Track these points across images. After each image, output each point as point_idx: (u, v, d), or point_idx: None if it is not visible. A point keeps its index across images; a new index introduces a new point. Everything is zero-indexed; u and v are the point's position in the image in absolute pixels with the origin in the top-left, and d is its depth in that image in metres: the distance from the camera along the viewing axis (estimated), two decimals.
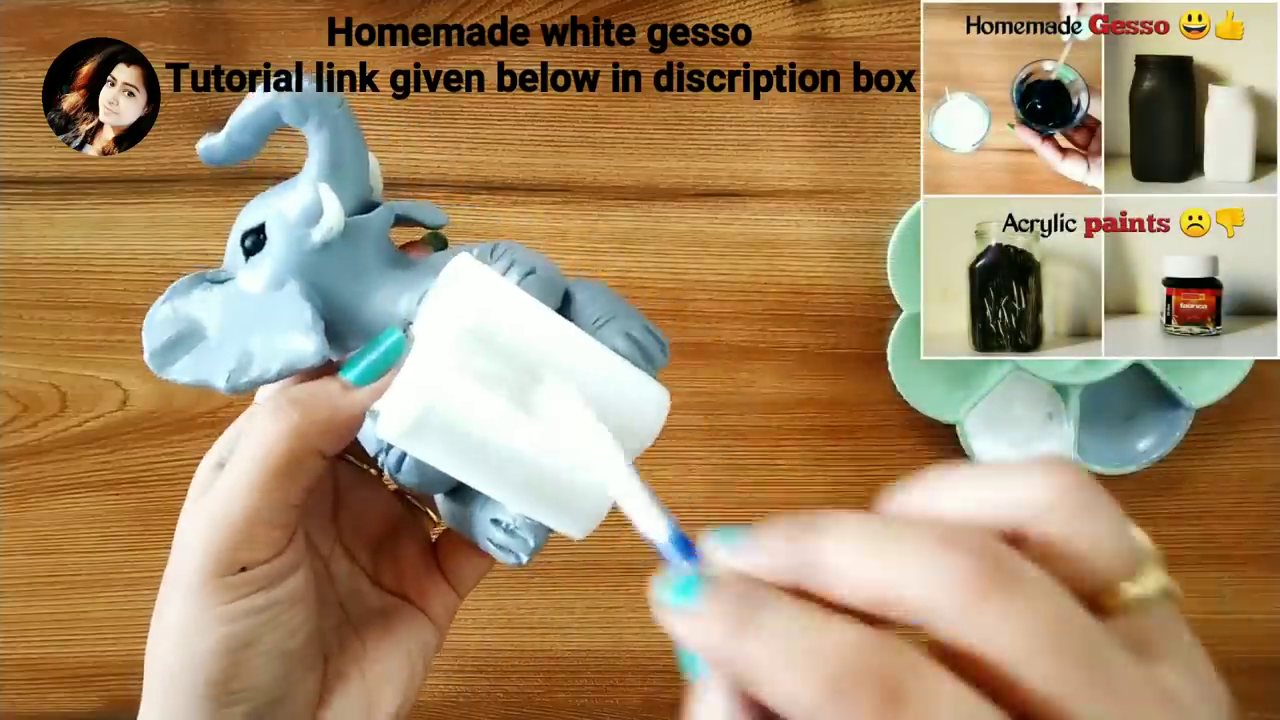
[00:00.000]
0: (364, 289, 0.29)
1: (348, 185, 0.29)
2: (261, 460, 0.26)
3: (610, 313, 0.30)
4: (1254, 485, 0.52)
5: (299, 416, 0.27)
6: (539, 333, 0.28)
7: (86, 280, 0.50)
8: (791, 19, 0.49)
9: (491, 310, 0.27)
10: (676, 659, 0.21)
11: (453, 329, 0.27)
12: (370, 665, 0.31)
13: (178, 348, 0.28)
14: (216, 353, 0.28)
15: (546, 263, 0.30)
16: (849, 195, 0.50)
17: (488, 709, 0.53)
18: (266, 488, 0.26)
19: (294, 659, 0.28)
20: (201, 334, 0.29)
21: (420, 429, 0.26)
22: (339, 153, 0.29)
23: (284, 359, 0.28)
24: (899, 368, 0.49)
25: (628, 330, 0.29)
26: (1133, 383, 0.50)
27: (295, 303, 0.28)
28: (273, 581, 0.27)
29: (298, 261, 0.28)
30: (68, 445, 0.51)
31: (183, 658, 0.26)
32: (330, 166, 0.29)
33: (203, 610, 0.26)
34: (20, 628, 0.52)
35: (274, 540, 0.27)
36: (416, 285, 0.29)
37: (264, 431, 0.27)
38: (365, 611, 0.32)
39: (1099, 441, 0.51)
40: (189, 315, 0.29)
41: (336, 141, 0.29)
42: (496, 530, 0.30)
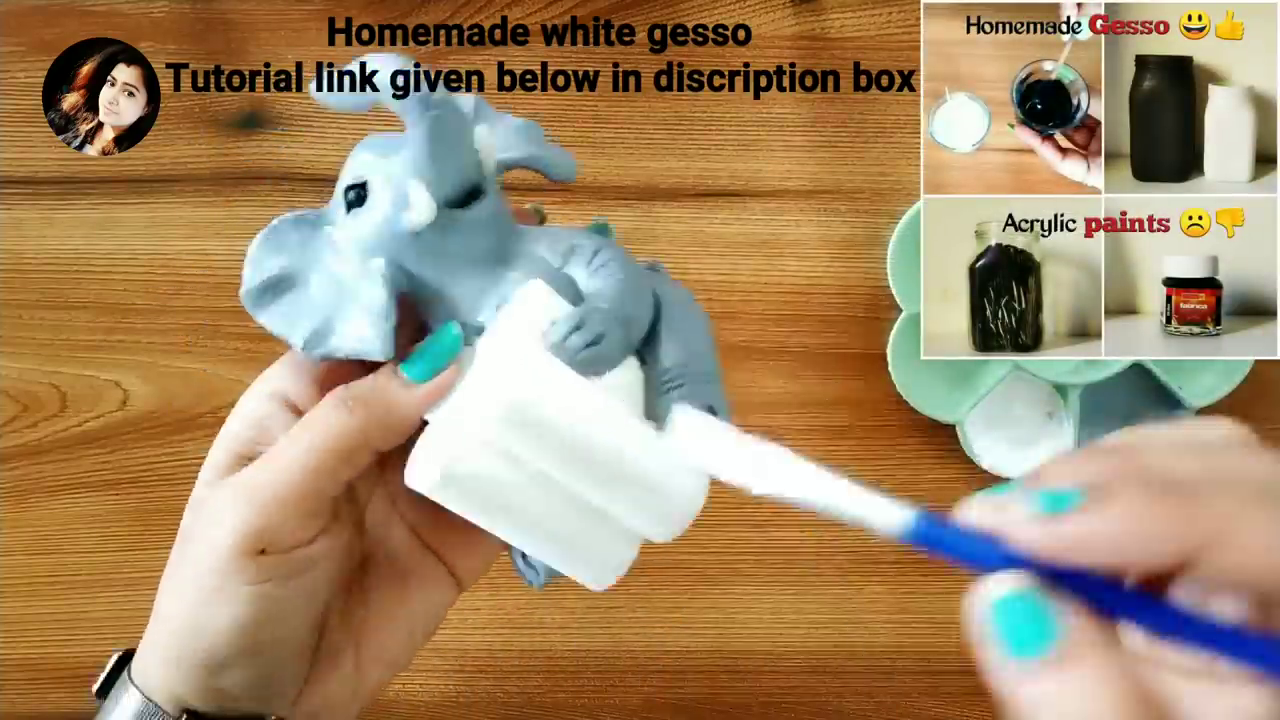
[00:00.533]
0: (449, 280, 0.29)
1: (443, 176, 0.28)
2: (313, 452, 0.27)
3: (686, 373, 0.29)
4: None
5: (362, 413, 0.27)
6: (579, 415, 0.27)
7: (86, 280, 0.50)
8: (791, 19, 0.49)
9: (532, 395, 0.26)
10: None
11: (488, 410, 0.26)
12: (368, 636, 0.30)
13: (272, 292, 0.29)
14: (302, 310, 0.28)
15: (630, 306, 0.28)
16: (849, 195, 0.50)
17: (488, 709, 0.53)
18: (311, 479, 0.27)
19: (290, 646, 0.28)
20: (294, 282, 0.29)
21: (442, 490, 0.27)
22: (432, 150, 0.28)
23: (352, 345, 0.28)
24: (899, 368, 0.49)
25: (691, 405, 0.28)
26: (1133, 383, 0.50)
27: (375, 289, 0.28)
28: (293, 573, 0.27)
29: (389, 239, 0.28)
30: (68, 445, 0.51)
31: (191, 624, 0.27)
32: (422, 163, 0.28)
33: (224, 586, 0.26)
34: (20, 628, 0.52)
35: (306, 528, 0.27)
36: (497, 290, 0.29)
37: (324, 423, 0.27)
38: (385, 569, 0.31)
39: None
40: (288, 259, 0.29)
41: (430, 140, 0.28)
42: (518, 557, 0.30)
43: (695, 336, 0.30)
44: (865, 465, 0.51)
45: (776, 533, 0.52)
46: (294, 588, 0.27)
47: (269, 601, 0.27)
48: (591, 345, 0.27)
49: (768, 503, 0.51)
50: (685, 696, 0.53)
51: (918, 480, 0.52)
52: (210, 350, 0.50)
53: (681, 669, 0.52)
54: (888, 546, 0.52)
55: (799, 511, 0.54)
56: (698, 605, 0.52)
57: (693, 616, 0.52)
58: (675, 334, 0.29)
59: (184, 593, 0.27)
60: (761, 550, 0.52)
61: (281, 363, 0.30)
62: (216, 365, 0.50)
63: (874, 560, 0.52)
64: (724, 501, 0.51)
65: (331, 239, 0.29)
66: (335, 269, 0.29)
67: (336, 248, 0.29)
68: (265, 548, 0.26)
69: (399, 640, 0.31)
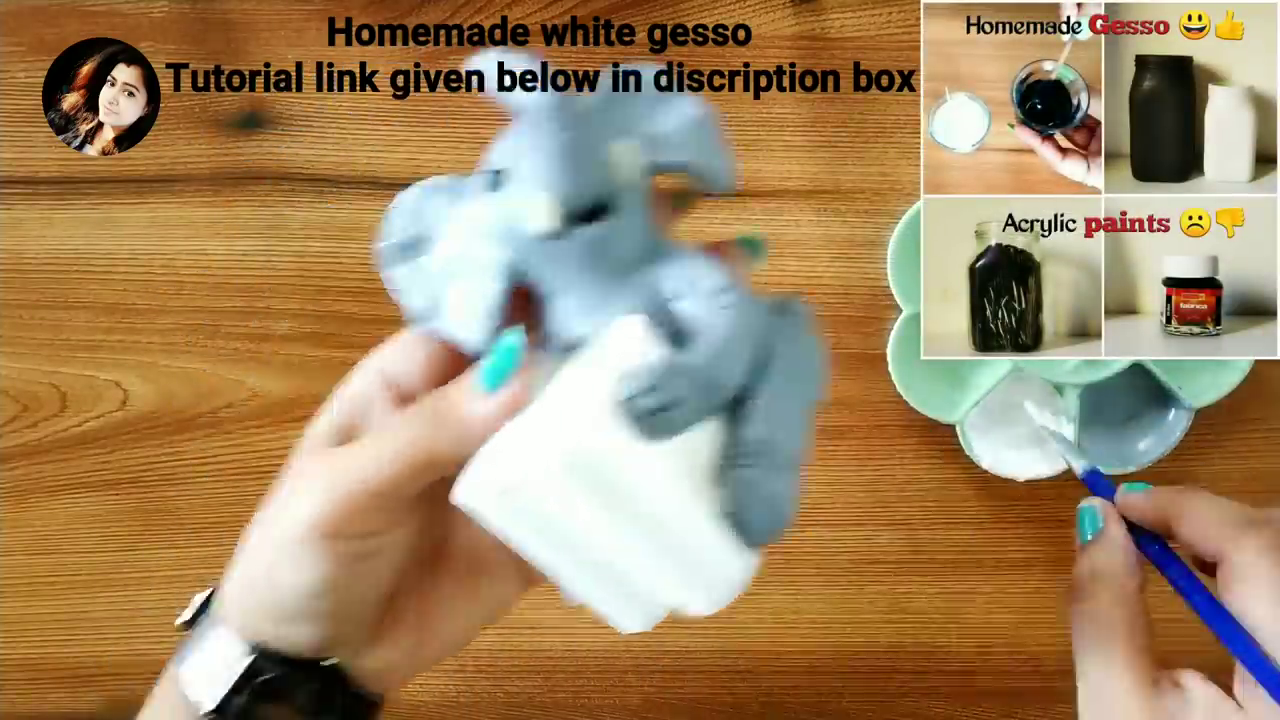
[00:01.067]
0: (561, 289, 0.28)
1: (568, 187, 0.27)
2: (390, 460, 0.28)
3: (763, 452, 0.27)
4: (1254, 485, 0.52)
5: (440, 432, 0.28)
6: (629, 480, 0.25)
7: (86, 280, 0.50)
8: (791, 19, 0.49)
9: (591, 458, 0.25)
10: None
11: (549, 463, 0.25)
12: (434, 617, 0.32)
13: (405, 252, 0.29)
14: (421, 281, 0.29)
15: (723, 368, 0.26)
16: (849, 195, 0.50)
17: (488, 709, 0.53)
18: (384, 482, 0.28)
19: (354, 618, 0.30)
20: (424, 248, 0.29)
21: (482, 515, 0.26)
22: (549, 159, 0.27)
23: (451, 333, 0.28)
24: (899, 368, 0.49)
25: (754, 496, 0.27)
26: (1133, 383, 0.50)
27: (490, 278, 0.28)
28: (356, 558, 0.29)
29: (512, 234, 0.28)
30: (68, 445, 0.51)
31: (261, 577, 0.29)
32: (546, 165, 0.27)
33: (292, 552, 0.28)
34: (20, 628, 0.52)
35: (374, 523, 0.29)
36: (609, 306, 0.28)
37: (411, 434, 0.28)
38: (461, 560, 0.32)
39: (1099, 441, 0.51)
40: (426, 221, 0.29)
41: (548, 148, 0.27)
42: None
43: (791, 411, 0.28)
44: (865, 465, 0.51)
45: None
46: (357, 571, 0.29)
47: (333, 578, 0.28)
48: (661, 412, 0.25)
49: None
50: (685, 696, 0.53)
51: (917, 480, 0.52)
52: (210, 350, 0.50)
53: (681, 669, 0.52)
54: (888, 547, 0.52)
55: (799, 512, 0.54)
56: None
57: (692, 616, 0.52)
58: (769, 405, 0.27)
59: (262, 551, 0.29)
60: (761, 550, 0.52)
61: (392, 342, 0.31)
62: (216, 365, 0.50)
63: (874, 560, 0.52)
64: None
65: (467, 213, 0.29)
66: (460, 247, 0.29)
67: (469, 223, 0.29)
68: (335, 534, 0.28)
69: (462, 626, 0.32)
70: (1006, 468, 0.50)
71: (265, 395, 0.50)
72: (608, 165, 0.28)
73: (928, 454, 0.51)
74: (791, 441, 0.27)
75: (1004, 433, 0.50)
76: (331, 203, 0.49)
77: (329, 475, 0.28)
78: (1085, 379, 0.49)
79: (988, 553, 0.52)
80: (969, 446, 0.50)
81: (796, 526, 0.51)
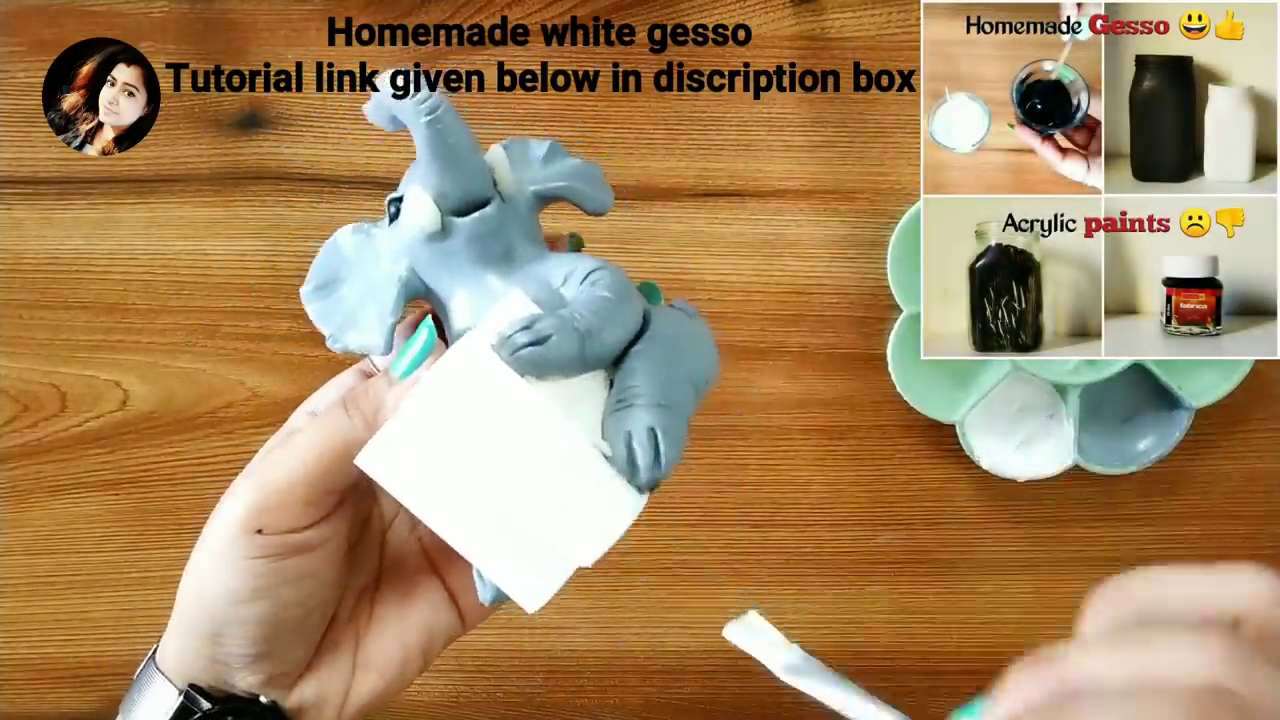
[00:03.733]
0: (452, 288, 0.30)
1: (447, 184, 0.29)
2: (315, 446, 0.29)
3: (639, 395, 0.28)
4: (1254, 485, 0.52)
5: (356, 415, 0.29)
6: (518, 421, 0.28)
7: (86, 280, 0.50)
8: (791, 19, 0.49)
9: (475, 391, 0.28)
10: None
11: (434, 399, 0.28)
12: (368, 642, 0.32)
13: (320, 291, 0.31)
14: (336, 308, 0.31)
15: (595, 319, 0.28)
16: (849, 195, 0.50)
17: (488, 709, 0.53)
18: (310, 472, 0.29)
19: (280, 629, 0.30)
20: (339, 285, 0.31)
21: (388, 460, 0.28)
22: (431, 154, 0.29)
23: (360, 341, 0.30)
24: (899, 368, 0.49)
25: (631, 430, 0.28)
26: (1133, 383, 0.50)
27: (391, 288, 0.30)
28: (284, 552, 0.29)
29: (409, 245, 0.30)
30: (68, 445, 0.51)
31: (196, 589, 0.30)
32: (422, 168, 0.30)
33: (225, 555, 0.29)
34: (20, 628, 0.52)
35: (302, 516, 0.29)
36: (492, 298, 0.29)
37: (324, 424, 0.29)
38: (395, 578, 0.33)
39: (1099, 441, 0.51)
40: (340, 261, 0.31)
41: (429, 143, 0.29)
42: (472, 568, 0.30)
43: (670, 370, 0.29)
44: (865, 465, 0.51)
45: (776, 533, 0.52)
46: (287, 567, 0.29)
47: (262, 577, 0.29)
48: (533, 345, 0.27)
49: (768, 503, 0.51)
50: (685, 696, 0.53)
51: (917, 480, 0.52)
52: (210, 350, 0.50)
53: (681, 669, 0.52)
54: (888, 547, 0.52)
55: (799, 511, 0.54)
56: (698, 605, 0.52)
57: (693, 616, 0.52)
58: (644, 358, 0.29)
59: (194, 566, 0.30)
60: (761, 550, 0.52)
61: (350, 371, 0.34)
62: (216, 365, 0.50)
63: (874, 560, 0.52)
64: (724, 501, 0.52)
65: (374, 248, 0.31)
66: (370, 273, 0.31)
67: (377, 254, 0.31)
68: (262, 528, 0.29)
69: (393, 649, 0.32)
70: (1006, 468, 0.50)
71: (265, 395, 0.50)
72: (486, 168, 0.30)
73: (928, 454, 0.51)
74: (670, 392, 0.29)
75: (1004, 432, 0.50)
76: (331, 203, 0.49)
77: (254, 476, 0.29)
78: (1085, 379, 0.49)
79: (988, 553, 0.52)
80: (969, 446, 0.50)
81: (797, 526, 0.52)
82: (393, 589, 0.33)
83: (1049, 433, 0.50)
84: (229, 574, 0.29)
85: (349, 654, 0.32)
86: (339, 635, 0.32)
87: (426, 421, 0.27)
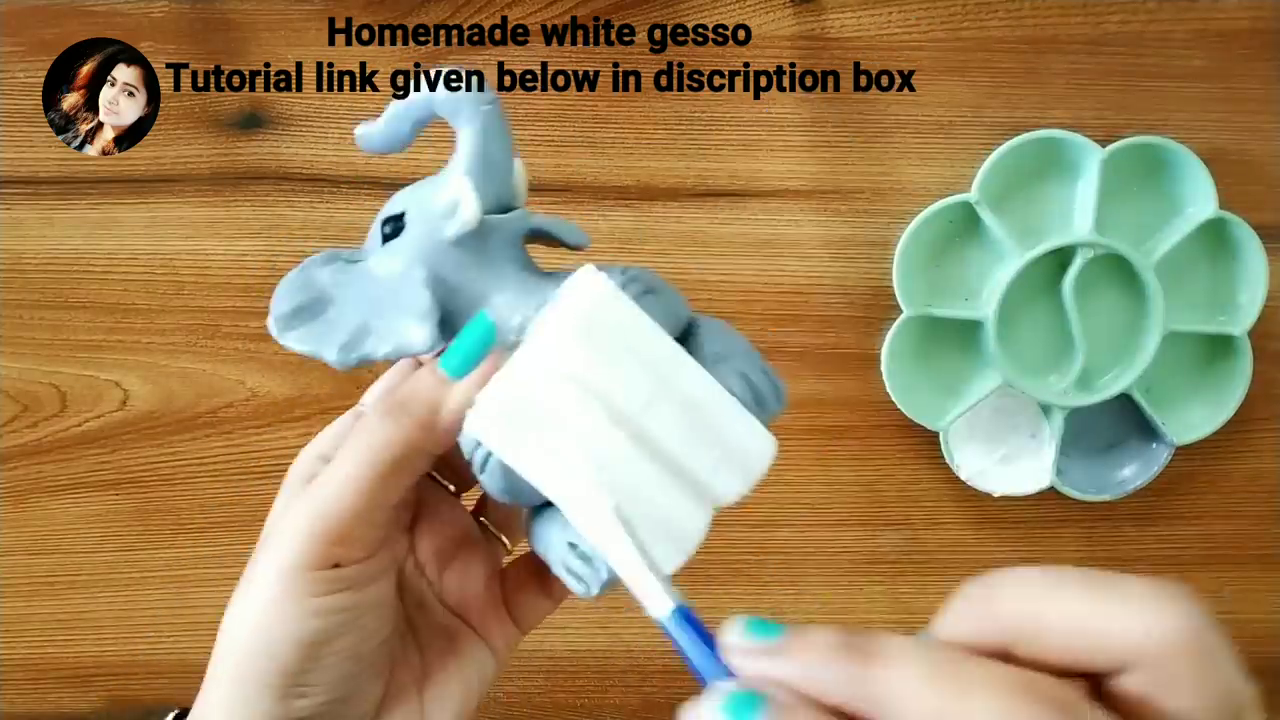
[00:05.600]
0: (487, 289, 0.29)
1: (490, 183, 0.29)
2: (369, 463, 0.27)
3: (730, 350, 0.29)
4: (1254, 485, 0.52)
5: (407, 420, 0.27)
6: (650, 353, 0.27)
7: (86, 280, 0.50)
8: (791, 19, 0.49)
9: (604, 320, 0.26)
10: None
11: (561, 333, 0.26)
12: (428, 684, 0.31)
13: (299, 316, 0.29)
14: (334, 325, 0.28)
15: (673, 291, 0.29)
16: (849, 195, 0.50)
17: (488, 709, 0.53)
18: (372, 488, 0.27)
19: (365, 663, 0.28)
20: (325, 307, 0.29)
21: (502, 420, 0.26)
22: (484, 149, 0.29)
23: (394, 342, 0.28)
24: (892, 371, 0.49)
25: (744, 371, 0.28)
26: (1118, 412, 0.50)
27: (415, 289, 0.28)
28: (362, 583, 0.27)
29: (429, 251, 0.28)
30: (68, 445, 0.51)
31: (261, 642, 0.26)
32: (474, 161, 0.29)
33: (291, 600, 0.26)
34: (20, 628, 0.52)
35: (371, 541, 0.27)
36: (539, 293, 0.28)
37: (374, 433, 0.27)
38: (430, 627, 0.32)
39: (1078, 466, 0.51)
40: (318, 288, 0.29)
41: (483, 138, 0.29)
42: (572, 555, 0.28)
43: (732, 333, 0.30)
44: (863, 465, 0.51)
45: (776, 533, 0.52)
46: (365, 598, 0.27)
47: (341, 613, 0.27)
48: (649, 293, 0.27)
49: (768, 503, 0.51)
50: (685, 696, 0.53)
51: (916, 480, 0.52)
52: (210, 350, 0.50)
53: (682, 669, 0.52)
54: (888, 547, 0.52)
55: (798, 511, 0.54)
56: (698, 605, 0.52)
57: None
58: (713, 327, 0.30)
59: (252, 613, 0.27)
60: (761, 550, 0.52)
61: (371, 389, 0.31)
62: (216, 365, 0.50)
63: (874, 560, 0.52)
64: None
65: (366, 271, 0.29)
66: (370, 289, 0.29)
67: (372, 276, 0.29)
68: (338, 561, 0.27)
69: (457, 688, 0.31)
70: (984, 481, 0.50)
71: (265, 395, 0.50)
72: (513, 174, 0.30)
73: (928, 454, 0.51)
74: (744, 345, 0.29)
75: (985, 446, 0.50)
76: (331, 203, 0.49)
77: (312, 507, 0.27)
78: (1073, 402, 0.49)
79: (987, 553, 0.52)
80: (949, 455, 0.50)
81: (797, 526, 0.52)
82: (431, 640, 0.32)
83: (1029, 452, 0.50)
84: (305, 618, 0.26)
85: (415, 695, 0.30)
86: (402, 679, 0.30)
87: (550, 370, 0.26)
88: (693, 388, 0.27)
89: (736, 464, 0.28)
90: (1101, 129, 0.48)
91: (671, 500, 0.27)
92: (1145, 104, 0.49)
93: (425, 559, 0.32)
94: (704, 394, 0.27)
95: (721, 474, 0.28)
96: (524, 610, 0.33)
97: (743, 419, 0.28)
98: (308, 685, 0.27)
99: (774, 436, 0.28)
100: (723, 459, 0.28)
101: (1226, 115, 0.49)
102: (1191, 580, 0.52)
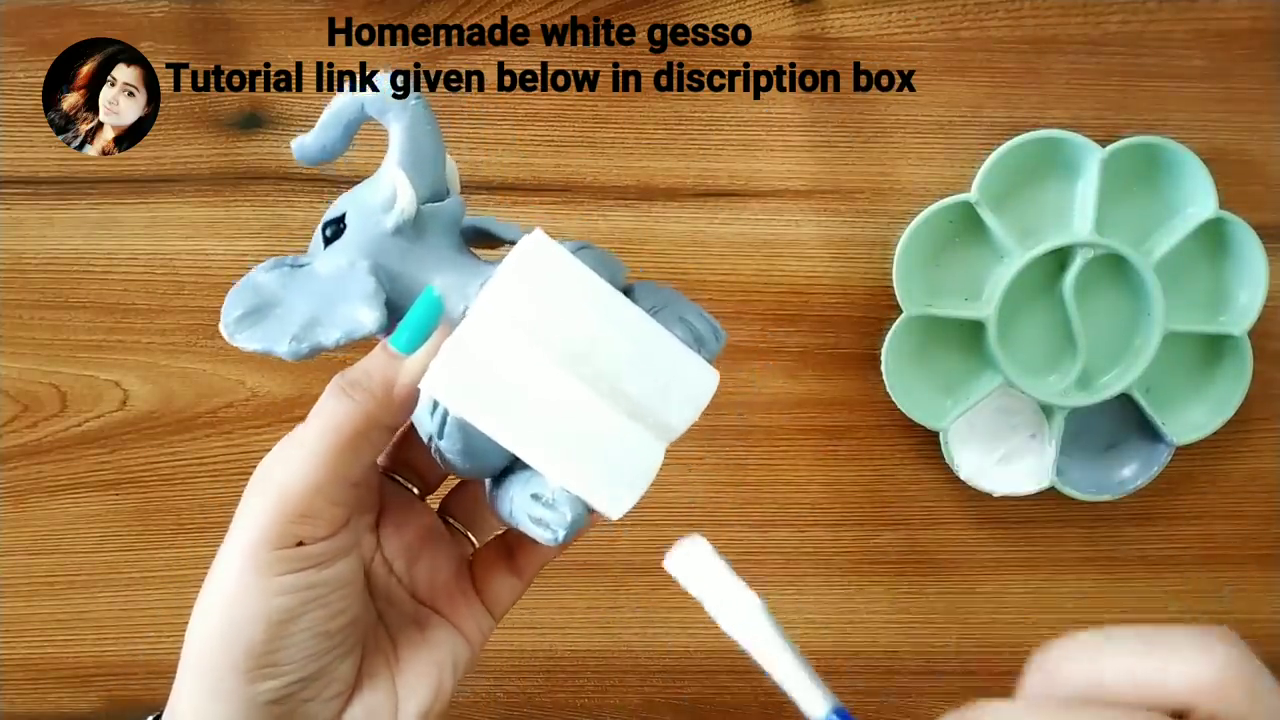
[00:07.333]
0: (430, 273, 0.30)
1: (423, 175, 0.31)
2: (326, 437, 0.27)
3: (667, 301, 0.31)
4: (1254, 485, 0.52)
5: (361, 395, 0.28)
6: (593, 298, 0.28)
7: (86, 280, 0.50)
8: (791, 19, 0.49)
9: (546, 269, 0.28)
10: None
11: (506, 284, 0.28)
12: (401, 669, 0.31)
13: (249, 319, 0.30)
14: (283, 321, 0.29)
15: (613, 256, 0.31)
16: (849, 195, 0.50)
17: (488, 709, 0.53)
18: (330, 464, 0.27)
19: (333, 640, 0.28)
20: (273, 308, 0.30)
21: (457, 377, 0.27)
22: (415, 144, 0.30)
23: (343, 328, 0.29)
24: (892, 370, 0.49)
25: (683, 315, 0.31)
26: (1118, 413, 0.50)
27: (360, 277, 0.29)
28: (325, 561, 0.28)
29: (371, 243, 0.30)
30: (68, 445, 0.51)
31: (225, 622, 0.27)
32: (405, 156, 0.30)
33: (255, 579, 0.27)
34: (20, 628, 0.52)
35: (332, 518, 0.28)
36: (481, 274, 0.30)
37: (330, 411, 0.28)
38: (400, 617, 0.32)
39: (1078, 466, 0.51)
40: (266, 292, 0.30)
41: (413, 132, 0.30)
42: (535, 505, 0.30)
43: (667, 289, 0.32)
44: (863, 465, 0.51)
45: (776, 533, 0.52)
46: (329, 576, 0.28)
47: (306, 590, 0.27)
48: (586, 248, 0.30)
49: (768, 503, 0.51)
50: (685, 696, 0.53)
51: (916, 481, 0.52)
52: (210, 350, 0.50)
53: (681, 669, 0.52)
54: (887, 547, 0.52)
55: (798, 511, 0.54)
56: (698, 605, 0.52)
57: (693, 616, 0.52)
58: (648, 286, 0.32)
59: (218, 595, 0.27)
60: (761, 550, 0.52)
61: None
62: (216, 365, 0.50)
63: (874, 560, 0.52)
64: (723, 502, 0.52)
65: (311, 271, 0.30)
66: (316, 286, 0.30)
67: (318, 275, 0.30)
68: (300, 539, 0.27)
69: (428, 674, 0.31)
70: (984, 480, 0.50)
71: (265, 395, 0.50)
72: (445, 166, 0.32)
73: (928, 454, 0.51)
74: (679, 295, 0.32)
75: (985, 446, 0.50)
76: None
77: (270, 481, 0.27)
78: (1073, 402, 0.49)
79: (987, 553, 0.52)
80: (949, 455, 0.50)
81: (796, 526, 0.52)
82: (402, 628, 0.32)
83: (1030, 451, 0.50)
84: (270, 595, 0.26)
85: (387, 679, 0.31)
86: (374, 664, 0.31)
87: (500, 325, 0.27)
88: (636, 328, 0.29)
89: (684, 395, 0.30)
90: (1101, 129, 0.48)
91: (625, 435, 0.29)
92: (1145, 104, 0.49)
93: (393, 555, 0.33)
94: (647, 333, 0.29)
95: (672, 404, 0.29)
96: (494, 593, 0.34)
97: (685, 354, 0.30)
98: (275, 665, 0.27)
99: (713, 373, 0.30)
100: (670, 390, 0.29)
101: (1226, 115, 0.49)
102: (1191, 580, 0.53)
